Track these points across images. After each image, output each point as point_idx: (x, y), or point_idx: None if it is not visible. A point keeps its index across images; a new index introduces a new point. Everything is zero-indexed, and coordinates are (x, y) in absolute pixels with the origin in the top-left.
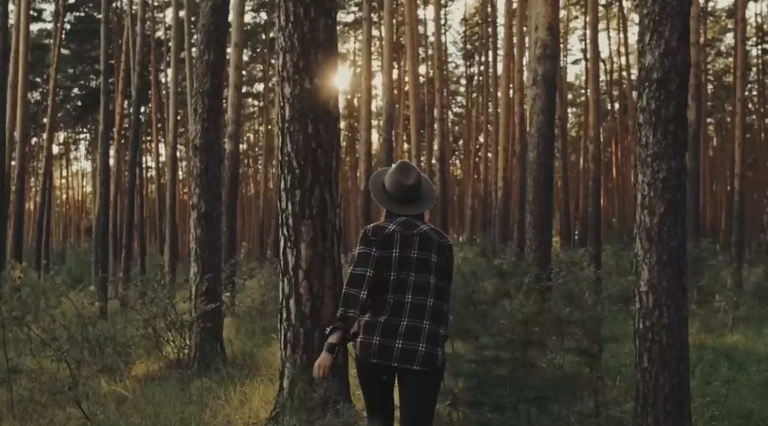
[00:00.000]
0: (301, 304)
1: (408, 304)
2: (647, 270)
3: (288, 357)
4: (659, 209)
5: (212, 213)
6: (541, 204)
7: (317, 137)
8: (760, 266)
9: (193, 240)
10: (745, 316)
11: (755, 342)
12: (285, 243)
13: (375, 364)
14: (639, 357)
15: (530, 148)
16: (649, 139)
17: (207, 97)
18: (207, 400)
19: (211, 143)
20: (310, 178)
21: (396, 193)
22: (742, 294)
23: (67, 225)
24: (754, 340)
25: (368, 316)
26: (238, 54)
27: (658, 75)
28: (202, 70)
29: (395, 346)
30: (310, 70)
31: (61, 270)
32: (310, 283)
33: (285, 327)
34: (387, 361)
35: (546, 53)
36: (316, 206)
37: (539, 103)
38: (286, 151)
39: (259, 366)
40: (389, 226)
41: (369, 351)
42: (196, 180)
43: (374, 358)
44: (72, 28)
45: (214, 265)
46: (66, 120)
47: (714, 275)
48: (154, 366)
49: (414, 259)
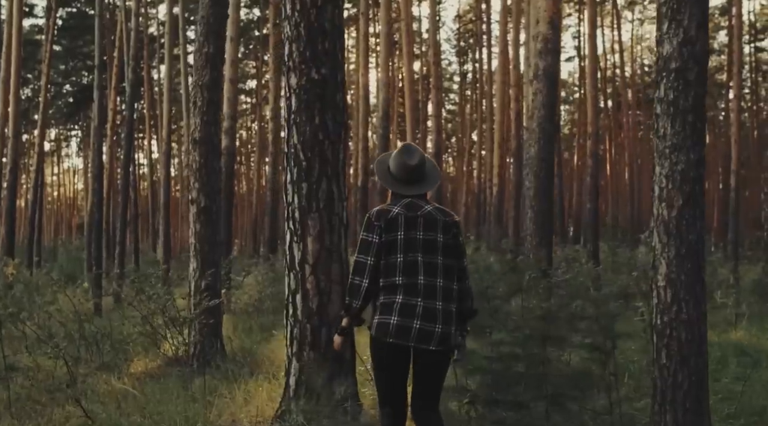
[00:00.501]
0: (307, 299)
1: (421, 284)
2: (665, 264)
3: (294, 354)
4: (678, 202)
5: (212, 207)
6: (542, 200)
7: (324, 128)
8: (757, 263)
9: (192, 235)
10: (746, 313)
11: (759, 338)
12: (291, 237)
13: (391, 343)
14: (657, 353)
15: (531, 144)
16: (667, 130)
17: (206, 90)
18: (210, 398)
19: (211, 137)
20: (317, 171)
21: (400, 173)
22: (741, 291)
23: (59, 222)
24: (758, 337)
25: (383, 297)
26: (234, 48)
27: (676, 64)
28: (201, 63)
29: (413, 327)
30: (317, 59)
31: (53, 267)
32: (317, 278)
33: (291, 323)
34: (404, 340)
35: (547, 47)
36: (323, 199)
37: (540, 98)
38: (292, 143)
39: (259, 363)
40: (393, 209)
41: (386, 331)
42: (195, 174)
43: (391, 338)
44: (64, 23)
45: (213, 260)
46: (57, 117)
47: (712, 272)
48: (152, 363)
49: (420, 241)
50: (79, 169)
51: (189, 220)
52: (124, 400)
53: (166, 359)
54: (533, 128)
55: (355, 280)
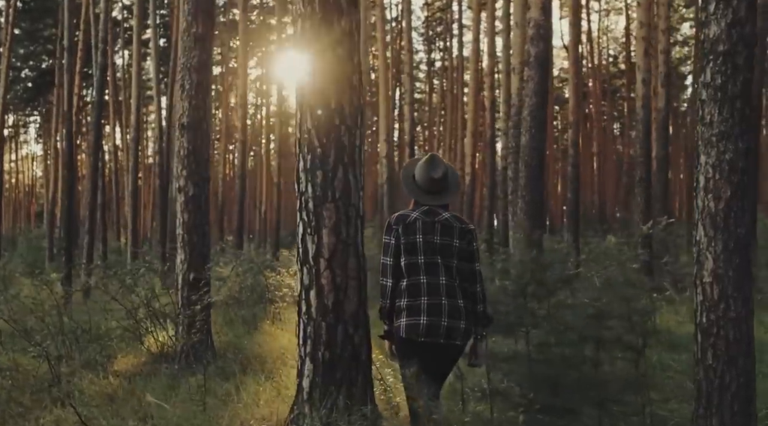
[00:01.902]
0: (322, 295)
1: (443, 285)
2: (712, 259)
3: (308, 354)
4: (725, 193)
5: (200, 196)
6: (534, 190)
7: (341, 112)
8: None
9: (180, 225)
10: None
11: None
12: (304, 229)
13: (422, 342)
14: (701, 353)
15: (522, 132)
16: (714, 117)
17: (195, 72)
18: (210, 399)
19: (200, 121)
20: (332, 158)
21: (425, 184)
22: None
23: (17, 210)
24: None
25: (406, 300)
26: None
27: (724, 47)
28: (190, 44)
29: (441, 324)
30: (332, 38)
31: (12, 256)
32: (333, 272)
33: (304, 321)
34: (435, 338)
35: (539, 33)
36: (339, 188)
37: (532, 86)
38: (305, 128)
39: (250, 359)
40: (412, 214)
41: (417, 331)
42: (182, 161)
43: (422, 337)
44: (24, 5)
45: (202, 252)
46: (15, 102)
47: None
48: (135, 360)
49: (437, 245)
50: (38, 156)
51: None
52: (116, 402)
53: (151, 356)
54: (524, 117)
55: (381, 281)
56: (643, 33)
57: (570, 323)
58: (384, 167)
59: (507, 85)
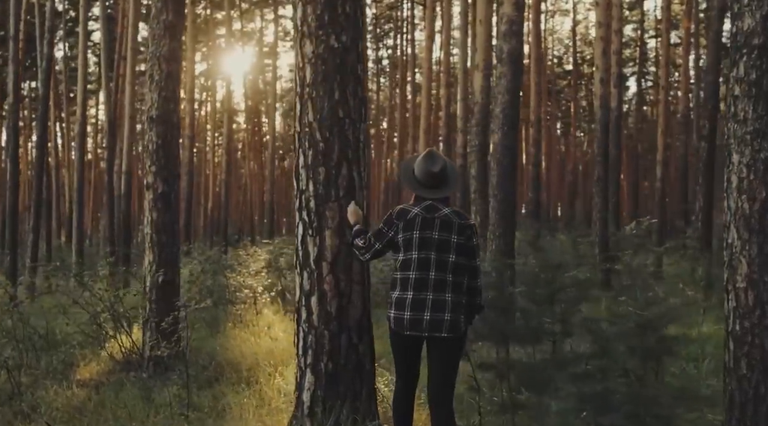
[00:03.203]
0: (325, 302)
1: (431, 279)
2: (746, 263)
3: (309, 365)
4: (761, 194)
5: (170, 193)
6: (506, 189)
7: (345, 105)
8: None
9: (148, 224)
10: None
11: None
12: (305, 230)
13: (407, 335)
14: (734, 362)
15: (494, 130)
16: (747, 113)
17: (165, 62)
18: (191, 413)
19: (170, 114)
20: (336, 153)
21: (424, 179)
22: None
23: None
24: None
25: (398, 292)
26: None
27: (759, 40)
28: (159, 32)
29: (424, 319)
30: (337, 24)
31: None
32: (336, 277)
33: (304, 329)
34: (418, 331)
35: (512, 30)
36: (343, 186)
37: (504, 83)
38: (306, 121)
39: (223, 367)
40: (413, 210)
41: (402, 325)
42: (151, 156)
43: (407, 331)
44: None
45: (172, 252)
46: None
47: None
48: (98, 368)
49: (435, 240)
50: None
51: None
52: (86, 415)
53: (115, 363)
54: (496, 114)
55: (360, 243)
56: (601, 33)
57: (613, 334)
58: None
59: (465, 83)
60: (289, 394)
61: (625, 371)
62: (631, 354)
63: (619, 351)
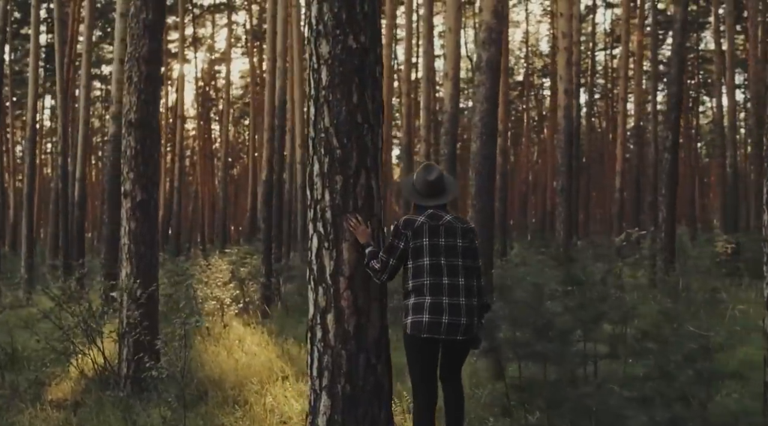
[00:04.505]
0: (342, 320)
1: (445, 285)
2: None
3: (325, 388)
4: None
5: (149, 202)
6: (484, 198)
7: (363, 109)
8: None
9: (126, 234)
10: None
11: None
12: (320, 243)
13: (425, 338)
14: None
15: (473, 139)
16: None
17: (144, 64)
18: None
19: (149, 118)
20: (354, 161)
21: (423, 188)
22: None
23: None
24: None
25: (413, 298)
26: (125, 25)
27: None
28: (139, 32)
29: (442, 322)
30: (356, 24)
31: None
32: (354, 293)
33: (319, 349)
34: (436, 334)
35: (491, 38)
36: (361, 196)
37: (483, 91)
38: (322, 127)
39: (205, 384)
40: (418, 219)
41: (420, 328)
42: (129, 162)
43: (425, 333)
44: None
45: (151, 264)
46: None
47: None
48: (70, 387)
49: (442, 246)
50: None
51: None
52: None
53: (87, 380)
54: (476, 123)
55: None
56: (565, 44)
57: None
58: (298, 173)
59: (428, 92)
60: (283, 414)
61: (682, 395)
62: (697, 378)
63: (687, 374)
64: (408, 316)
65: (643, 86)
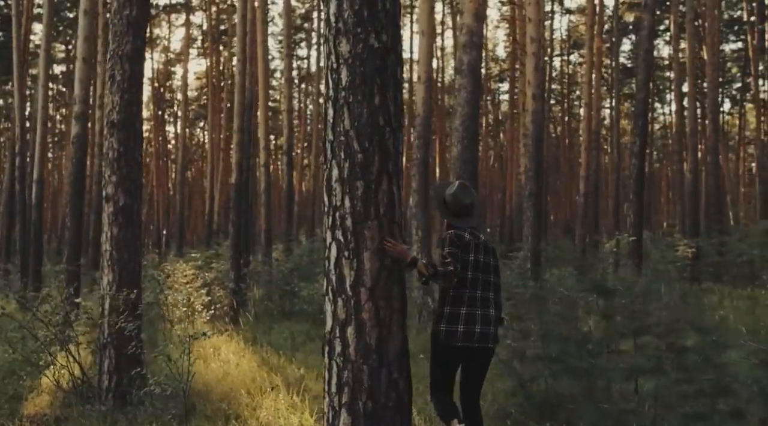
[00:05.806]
0: (363, 333)
1: (479, 297)
2: None
3: (345, 404)
4: None
5: (132, 206)
6: None
7: (385, 111)
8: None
9: (107, 240)
10: None
11: None
12: (339, 252)
13: (459, 346)
14: None
15: (454, 143)
16: None
17: (127, 62)
18: None
19: (132, 119)
20: (376, 166)
21: (457, 209)
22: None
23: None
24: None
25: (450, 307)
26: (88, 23)
27: None
28: (122, 28)
29: (475, 331)
30: (377, 22)
31: None
32: (376, 305)
33: (339, 364)
34: (470, 342)
35: (472, 41)
36: (383, 203)
37: (464, 95)
38: (341, 129)
39: (191, 397)
40: (465, 235)
41: (455, 337)
42: (111, 165)
43: (459, 342)
44: None
45: (134, 271)
46: None
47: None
48: (48, 400)
49: (481, 262)
50: None
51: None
52: None
53: (64, 393)
54: (456, 127)
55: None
56: (533, 48)
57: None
58: (262, 176)
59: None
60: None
61: (739, 411)
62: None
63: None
64: (441, 323)
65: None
